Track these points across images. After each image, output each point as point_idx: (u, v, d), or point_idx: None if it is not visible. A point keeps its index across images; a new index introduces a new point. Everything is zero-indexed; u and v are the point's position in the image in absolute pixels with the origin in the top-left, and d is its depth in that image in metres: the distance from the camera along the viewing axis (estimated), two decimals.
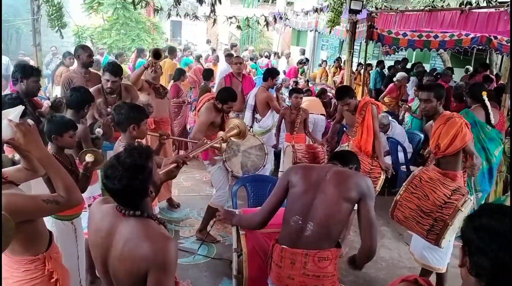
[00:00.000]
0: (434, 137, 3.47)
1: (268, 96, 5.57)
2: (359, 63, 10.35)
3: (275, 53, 14.14)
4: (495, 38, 8.29)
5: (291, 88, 7.10)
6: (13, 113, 1.88)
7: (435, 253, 3.45)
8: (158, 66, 4.79)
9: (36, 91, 3.69)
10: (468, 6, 5.72)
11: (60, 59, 9.72)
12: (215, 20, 8.41)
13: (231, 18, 9.21)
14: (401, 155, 5.83)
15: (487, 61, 12.06)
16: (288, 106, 5.49)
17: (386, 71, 10.60)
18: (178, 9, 8.36)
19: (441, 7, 6.68)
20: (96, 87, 4.16)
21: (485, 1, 6.00)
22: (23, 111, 1.95)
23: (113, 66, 4.22)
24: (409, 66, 11.25)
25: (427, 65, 13.18)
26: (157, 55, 4.55)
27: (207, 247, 4.29)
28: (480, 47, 8.85)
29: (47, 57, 10.29)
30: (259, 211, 2.53)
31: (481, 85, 5.28)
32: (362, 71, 9.44)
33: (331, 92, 9.11)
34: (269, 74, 5.66)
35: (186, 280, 3.69)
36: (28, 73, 3.61)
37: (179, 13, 8.52)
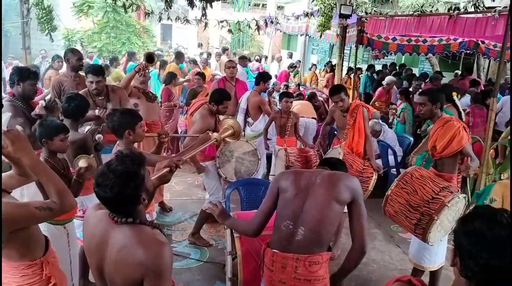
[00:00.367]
0: (431, 139, 3.56)
1: (260, 100, 5.59)
2: (349, 67, 10.43)
3: (266, 57, 14.19)
4: (483, 42, 8.45)
5: (281, 91, 7.14)
6: (3, 119, 1.87)
7: (426, 253, 3.54)
8: (147, 71, 4.82)
9: (32, 94, 3.67)
10: (456, 11, 5.80)
11: (49, 62, 9.65)
12: (206, 23, 8.42)
13: (222, 22, 9.22)
14: (391, 158, 5.89)
15: (475, 65, 12.23)
16: (278, 109, 5.50)
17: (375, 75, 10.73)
18: (169, 12, 8.35)
19: (430, 12, 6.75)
20: (83, 91, 4.14)
21: (473, 7, 6.09)
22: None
23: (94, 67, 4.26)
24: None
25: (416, 69, 13.33)
26: (150, 58, 4.56)
27: (199, 250, 4.29)
28: (468, 52, 9.01)
29: (36, 60, 10.21)
30: (253, 220, 2.49)
31: (451, 86, 5.69)
32: (352, 75, 9.53)
33: (322, 96, 9.17)
34: (261, 78, 5.69)
35: (179, 284, 3.68)
36: (25, 76, 3.58)
37: (170, 16, 8.52)
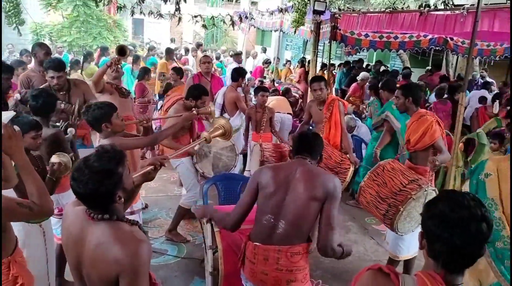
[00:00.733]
0: (407, 133, 3.68)
1: (236, 96, 5.59)
2: (323, 63, 10.54)
3: (240, 52, 14.15)
4: (451, 39, 8.68)
5: (256, 86, 7.15)
6: (4, 117, 1.88)
7: (401, 243, 3.66)
8: (120, 66, 4.73)
9: (6, 88, 3.57)
10: (426, 8, 5.94)
11: (17, 57, 9.36)
12: (180, 18, 8.34)
13: (196, 17, 9.15)
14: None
15: (444, 62, 12.57)
16: (253, 105, 5.49)
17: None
18: (141, 6, 8.22)
19: (401, 9, 6.89)
20: (43, 86, 4.02)
21: (442, 4, 6.25)
22: None
23: (54, 61, 4.05)
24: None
25: (387, 65, 13.60)
26: (122, 51, 4.48)
27: (177, 247, 4.27)
28: (437, 48, 9.23)
29: (3, 55, 9.88)
30: (232, 214, 2.50)
31: (393, 79, 6.06)
32: (326, 71, 9.63)
33: (298, 92, 9.25)
34: (239, 74, 5.69)
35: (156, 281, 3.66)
36: None
37: (143, 11, 8.39)
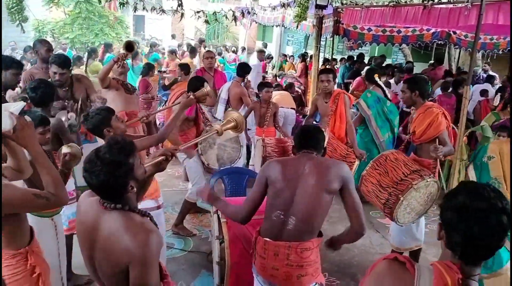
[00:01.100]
0: (412, 125, 3.68)
1: (241, 91, 5.62)
2: (325, 58, 10.53)
3: (244, 48, 14.15)
4: (454, 33, 8.67)
5: (260, 82, 7.17)
6: (14, 107, 1.89)
7: (403, 235, 3.71)
8: (125, 62, 4.74)
9: (14, 84, 3.57)
10: (430, 1, 5.93)
11: (20, 54, 9.39)
12: (182, 14, 8.31)
13: (198, 12, 9.13)
14: None
15: (446, 56, 12.55)
16: (258, 100, 5.51)
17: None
18: (144, 2, 8.20)
19: (405, 2, 6.87)
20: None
21: None
22: None
23: (60, 58, 4.03)
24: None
25: (389, 60, 13.58)
26: (129, 47, 4.48)
27: (183, 240, 4.31)
28: (440, 42, 9.23)
29: (5, 52, 9.90)
30: (242, 208, 2.49)
31: (373, 69, 6.31)
32: (328, 66, 9.63)
33: (300, 87, 9.26)
34: (244, 71, 5.74)
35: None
36: (7, 65, 3.50)
37: (146, 7, 8.38)
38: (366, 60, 11.43)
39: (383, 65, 10.26)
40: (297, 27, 8.52)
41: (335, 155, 4.29)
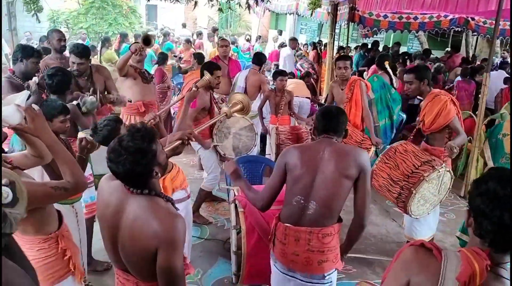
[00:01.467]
0: (421, 114, 3.62)
1: (260, 78, 5.66)
2: (340, 46, 10.42)
3: (259, 37, 14.02)
4: (473, 19, 8.50)
5: (273, 71, 7.14)
6: (19, 98, 1.86)
7: (416, 225, 3.66)
8: (144, 49, 4.73)
9: (34, 72, 3.60)
10: None
11: (36, 44, 9.45)
12: (196, 2, 8.27)
13: (212, 0, 9.08)
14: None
15: (463, 43, 12.32)
16: (272, 89, 5.51)
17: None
18: None
19: None
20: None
21: None
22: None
23: (78, 47, 4.00)
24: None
25: (404, 48, 13.37)
26: (147, 41, 4.46)
27: (200, 228, 4.34)
28: (457, 29, 9.06)
29: (21, 42, 9.99)
30: (262, 195, 2.47)
31: (385, 56, 6.21)
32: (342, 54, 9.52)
33: (313, 76, 9.18)
34: (260, 60, 5.78)
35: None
36: (29, 53, 3.52)
37: None
38: (380, 47, 11.29)
39: (400, 53, 10.12)
40: (312, 14, 8.43)
41: (350, 141, 4.26)
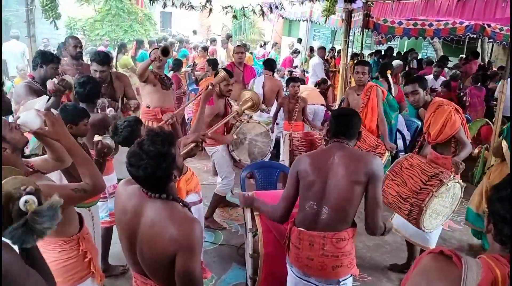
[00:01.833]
0: (425, 125, 3.54)
1: (279, 84, 5.77)
2: (353, 53, 10.39)
3: (275, 44, 14.09)
4: (489, 26, 8.42)
5: (287, 77, 7.17)
6: (39, 103, 1.90)
7: (429, 233, 3.53)
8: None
9: (53, 78, 3.66)
10: None
11: (53, 50, 9.61)
12: (211, 10, 8.34)
13: (227, 7, 9.14)
14: (400, 142, 5.93)
15: (479, 49, 12.20)
16: (286, 95, 5.55)
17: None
18: None
19: None
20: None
21: None
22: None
23: (100, 55, 4.09)
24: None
25: (418, 54, 13.28)
26: (165, 52, 4.50)
27: (214, 234, 4.34)
28: (473, 36, 8.98)
29: (39, 49, 10.17)
30: (279, 206, 2.50)
31: (388, 64, 6.40)
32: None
33: (327, 83, 9.17)
34: (272, 66, 5.94)
35: None
36: (48, 59, 3.59)
37: (175, 3, 8.43)
38: (394, 54, 11.24)
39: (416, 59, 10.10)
40: (325, 21, 8.44)
41: (364, 145, 4.25)
